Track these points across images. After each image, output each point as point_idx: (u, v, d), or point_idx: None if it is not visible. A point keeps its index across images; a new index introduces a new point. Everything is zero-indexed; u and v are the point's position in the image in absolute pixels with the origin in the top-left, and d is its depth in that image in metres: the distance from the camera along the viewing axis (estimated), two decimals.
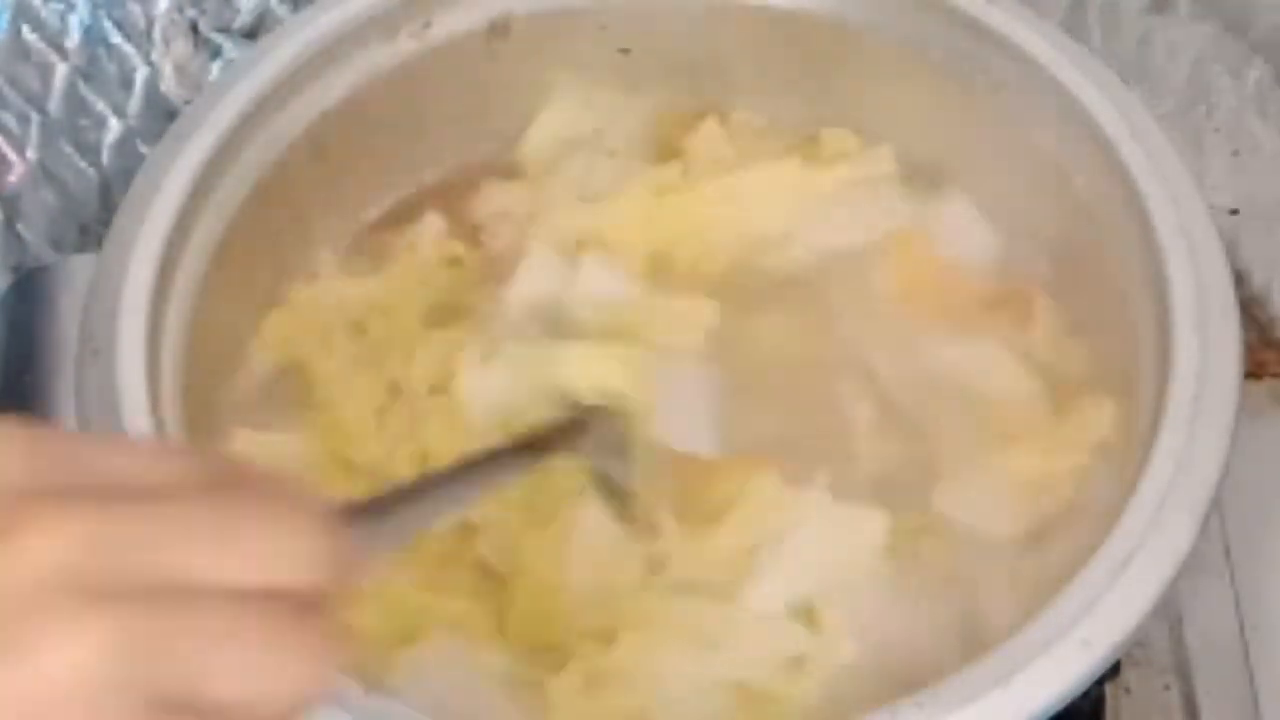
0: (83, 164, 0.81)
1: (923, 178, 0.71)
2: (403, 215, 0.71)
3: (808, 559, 0.61)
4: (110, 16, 0.79)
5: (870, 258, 0.69)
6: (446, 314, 0.68)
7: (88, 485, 0.36)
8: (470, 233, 0.70)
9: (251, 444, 0.63)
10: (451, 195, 0.71)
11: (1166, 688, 0.70)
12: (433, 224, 0.70)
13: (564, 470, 0.60)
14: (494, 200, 0.71)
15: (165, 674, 0.35)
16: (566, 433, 0.58)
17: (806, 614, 0.60)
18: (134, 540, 0.35)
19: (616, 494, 0.61)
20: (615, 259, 0.68)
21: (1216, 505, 0.55)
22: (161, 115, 0.80)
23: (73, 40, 0.79)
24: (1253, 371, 0.77)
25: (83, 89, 0.80)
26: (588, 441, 0.59)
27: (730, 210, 0.70)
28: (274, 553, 0.37)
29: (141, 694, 0.34)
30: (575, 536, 0.62)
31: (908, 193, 0.71)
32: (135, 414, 0.56)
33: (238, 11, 0.80)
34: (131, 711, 0.34)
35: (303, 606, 0.37)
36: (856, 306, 0.68)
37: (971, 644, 0.58)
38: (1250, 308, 0.79)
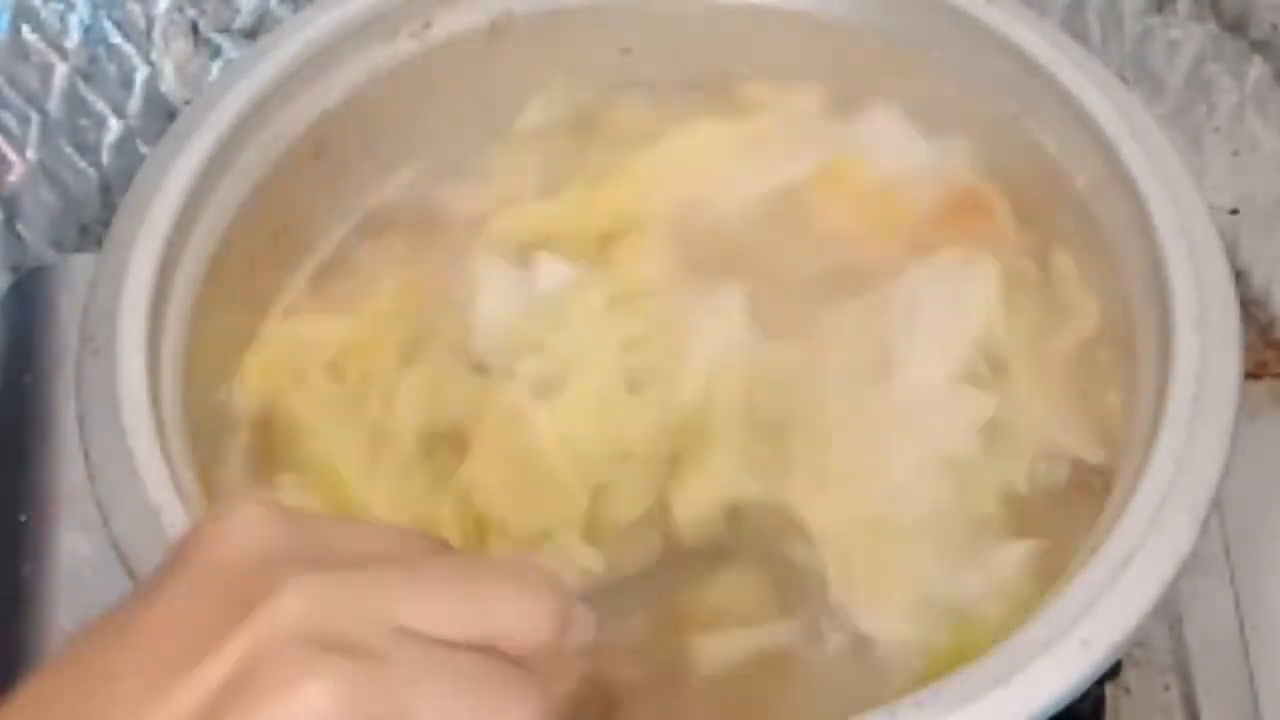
0: (83, 164, 0.81)
1: (845, 104, 0.70)
2: (367, 234, 0.70)
3: (951, 328, 0.64)
4: (110, 16, 0.79)
5: (805, 195, 0.69)
6: (420, 347, 0.66)
7: (325, 552, 0.41)
8: (430, 248, 0.69)
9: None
10: (409, 215, 0.70)
11: (1166, 688, 0.70)
12: (393, 246, 0.69)
13: None
14: (451, 209, 0.70)
15: (392, 713, 0.39)
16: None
17: (975, 378, 0.63)
18: (362, 601, 0.40)
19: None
20: (564, 254, 0.68)
21: (1216, 505, 0.55)
22: (161, 115, 0.80)
23: (73, 40, 0.79)
24: (1253, 371, 0.78)
25: (83, 89, 0.80)
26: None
27: (662, 176, 0.70)
28: (496, 609, 0.42)
29: None
30: None
31: (831, 121, 0.70)
32: (135, 414, 0.56)
33: (238, 11, 0.80)
34: None
35: (516, 664, 0.41)
36: (806, 250, 0.68)
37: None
38: (1250, 308, 0.79)
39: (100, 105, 0.80)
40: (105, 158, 0.81)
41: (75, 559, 0.73)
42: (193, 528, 0.42)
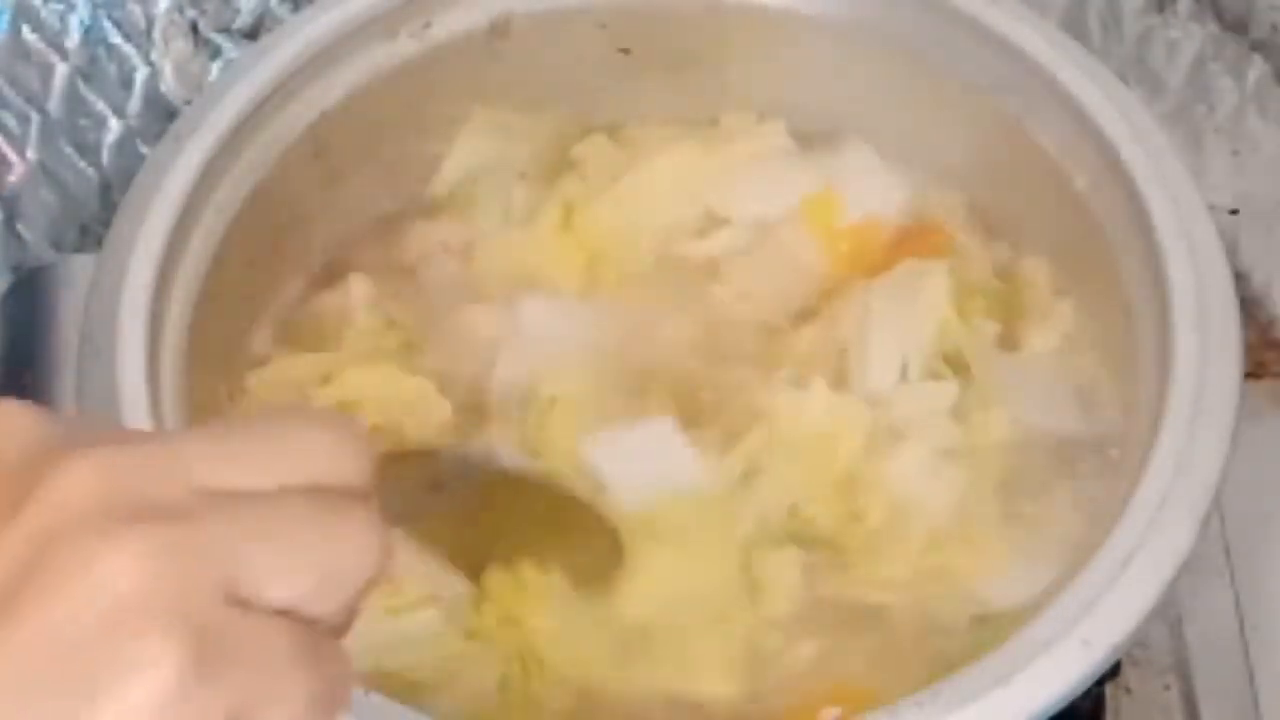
0: (83, 164, 0.81)
1: (818, 139, 0.72)
2: (332, 274, 0.69)
3: (903, 330, 0.65)
4: (110, 16, 0.79)
5: (788, 226, 0.70)
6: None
7: (99, 439, 0.36)
8: (404, 280, 0.69)
9: None
10: (378, 243, 0.70)
11: (1166, 688, 0.70)
12: (359, 288, 0.68)
13: None
14: (424, 240, 0.70)
15: (215, 575, 0.34)
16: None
17: (933, 375, 0.65)
18: (155, 465, 0.35)
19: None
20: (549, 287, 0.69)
21: (1216, 505, 0.55)
22: (161, 115, 0.80)
23: (73, 40, 0.79)
24: (1253, 371, 0.77)
25: (83, 89, 0.80)
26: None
27: (641, 208, 0.70)
28: (305, 449, 0.37)
29: (196, 597, 0.33)
30: None
31: (807, 156, 0.71)
32: (135, 414, 0.56)
33: (238, 11, 0.80)
34: (192, 615, 0.33)
35: (344, 496, 0.37)
36: (792, 275, 0.69)
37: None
38: (1250, 308, 0.79)
39: (100, 105, 0.80)
40: (105, 158, 0.81)
41: None
42: None
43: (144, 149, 0.80)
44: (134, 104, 0.81)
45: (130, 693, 0.32)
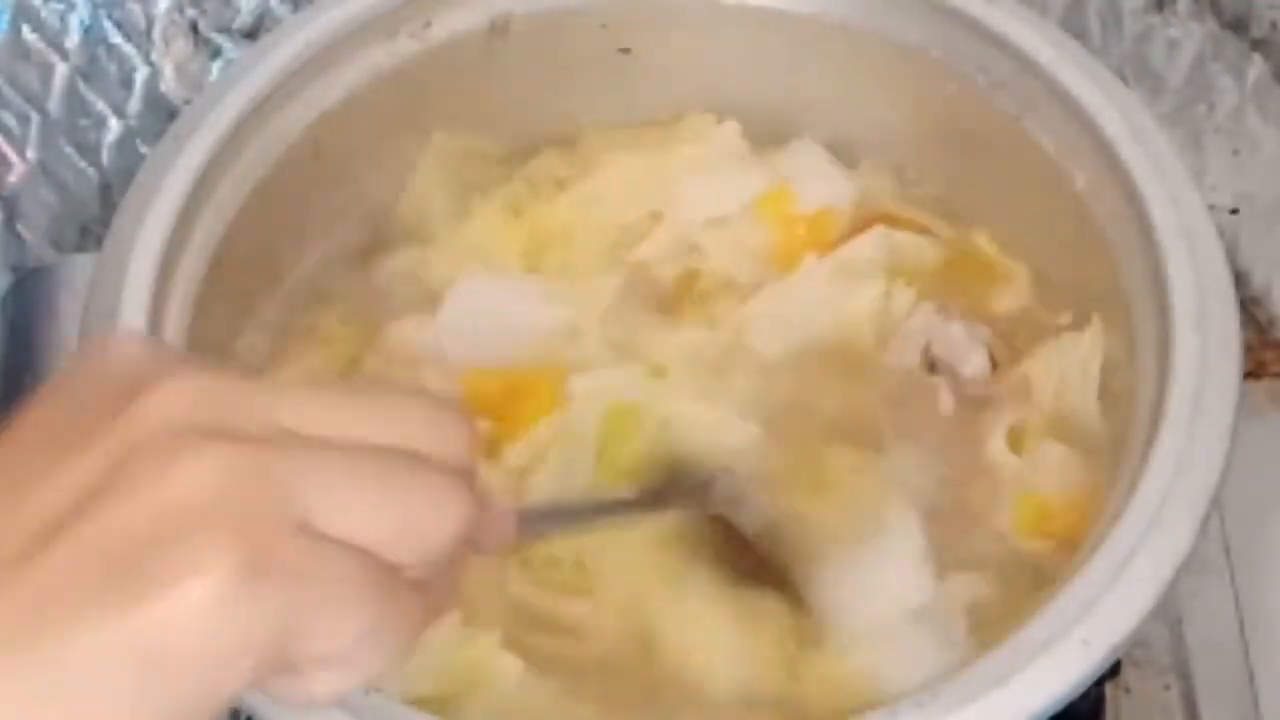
0: (83, 164, 0.81)
1: (769, 138, 0.72)
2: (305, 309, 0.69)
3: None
4: (110, 16, 0.79)
5: (742, 225, 0.70)
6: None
7: (200, 370, 0.38)
8: (372, 301, 0.69)
9: None
10: (341, 280, 0.70)
11: (1166, 688, 0.70)
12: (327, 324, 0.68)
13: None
14: (390, 267, 0.70)
15: (282, 500, 0.36)
16: (693, 490, 0.61)
17: None
18: (245, 396, 0.37)
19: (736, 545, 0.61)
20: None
21: (1216, 505, 0.55)
22: (161, 115, 0.80)
23: (73, 40, 0.79)
24: (1253, 371, 0.78)
25: (83, 89, 0.80)
26: (710, 498, 0.61)
27: (591, 208, 0.71)
28: (401, 415, 0.38)
29: (259, 516, 0.35)
30: None
31: (758, 158, 0.72)
32: None
33: (238, 11, 0.80)
34: (250, 530, 0.35)
35: (433, 462, 0.38)
36: (750, 268, 0.70)
37: None
38: (1250, 308, 0.79)
39: (100, 105, 0.80)
40: (105, 158, 0.81)
41: None
42: (73, 352, 0.39)
43: (144, 149, 0.80)
44: (134, 104, 0.81)
45: (178, 594, 0.34)
